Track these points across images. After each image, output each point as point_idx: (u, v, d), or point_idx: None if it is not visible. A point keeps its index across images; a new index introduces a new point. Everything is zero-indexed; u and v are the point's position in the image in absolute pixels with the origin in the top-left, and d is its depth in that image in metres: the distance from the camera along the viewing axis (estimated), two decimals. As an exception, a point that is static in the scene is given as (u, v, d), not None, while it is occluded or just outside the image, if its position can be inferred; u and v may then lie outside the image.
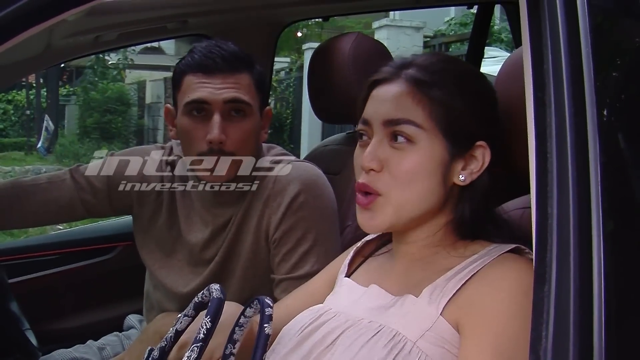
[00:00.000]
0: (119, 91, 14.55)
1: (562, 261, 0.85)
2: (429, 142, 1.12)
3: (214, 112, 1.59)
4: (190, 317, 1.04)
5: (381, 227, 1.17)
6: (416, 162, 1.12)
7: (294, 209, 1.65)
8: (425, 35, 10.22)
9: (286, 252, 1.65)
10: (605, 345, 0.81)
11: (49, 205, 1.81)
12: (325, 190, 1.71)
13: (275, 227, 1.66)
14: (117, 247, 2.39)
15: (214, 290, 0.98)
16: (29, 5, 1.00)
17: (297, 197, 1.65)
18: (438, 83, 1.14)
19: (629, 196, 0.92)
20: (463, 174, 1.15)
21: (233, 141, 1.61)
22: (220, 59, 1.61)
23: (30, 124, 15.05)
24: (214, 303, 0.95)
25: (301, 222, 1.65)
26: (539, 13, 0.98)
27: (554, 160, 0.90)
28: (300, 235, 1.65)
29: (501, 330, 1.00)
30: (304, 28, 12.80)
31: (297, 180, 1.67)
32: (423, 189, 1.13)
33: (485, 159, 1.15)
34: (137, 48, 12.80)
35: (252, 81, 1.64)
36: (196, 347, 0.93)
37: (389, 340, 1.05)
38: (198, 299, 1.02)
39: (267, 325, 0.96)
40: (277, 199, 1.67)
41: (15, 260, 2.26)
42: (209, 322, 0.94)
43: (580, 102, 0.91)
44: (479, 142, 1.15)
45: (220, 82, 1.60)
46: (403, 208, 1.14)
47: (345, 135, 2.19)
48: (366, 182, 1.15)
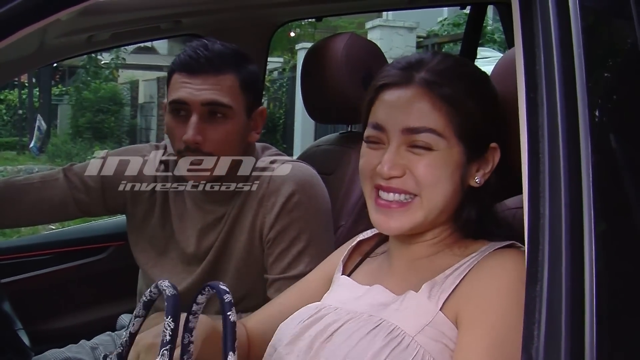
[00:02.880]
0: (111, 91, 14.52)
1: (554, 261, 0.85)
2: (447, 147, 1.12)
3: (192, 113, 1.60)
4: (141, 317, 1.02)
5: (406, 228, 1.16)
6: (437, 167, 1.12)
7: (288, 209, 1.65)
8: (418, 35, 10.24)
9: (280, 251, 1.65)
10: (597, 344, 0.81)
11: (42, 205, 1.81)
12: (319, 191, 1.71)
13: (269, 226, 1.66)
14: (110, 247, 2.38)
15: (165, 288, 0.95)
16: (23, 5, 1.00)
17: (292, 197, 1.65)
18: (453, 87, 1.14)
19: (621, 196, 0.92)
20: (478, 176, 1.16)
21: (211, 142, 1.61)
22: (204, 59, 1.61)
23: (22, 124, 14.99)
24: (171, 301, 0.92)
25: (295, 222, 1.65)
26: (531, 14, 0.98)
27: (546, 160, 0.90)
28: (295, 235, 1.64)
29: (497, 320, 1.01)
30: (297, 28, 12.79)
31: (291, 180, 1.67)
32: (447, 192, 1.14)
33: (495, 160, 1.17)
34: (129, 48, 12.75)
35: (237, 82, 1.64)
36: (165, 350, 0.91)
37: (388, 333, 1.06)
38: (146, 297, 1.00)
39: (230, 312, 0.94)
40: (272, 199, 1.66)
41: (8, 260, 2.25)
42: (171, 322, 0.92)
43: (572, 102, 0.91)
44: (492, 144, 1.16)
45: (201, 83, 1.60)
46: (432, 211, 1.14)
47: (338, 135, 2.20)
48: (396, 185, 1.14)
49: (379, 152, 1.16)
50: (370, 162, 1.17)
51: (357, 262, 1.33)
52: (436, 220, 1.16)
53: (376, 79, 1.21)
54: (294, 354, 1.14)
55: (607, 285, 0.85)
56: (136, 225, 1.85)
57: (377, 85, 1.19)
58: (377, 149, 1.17)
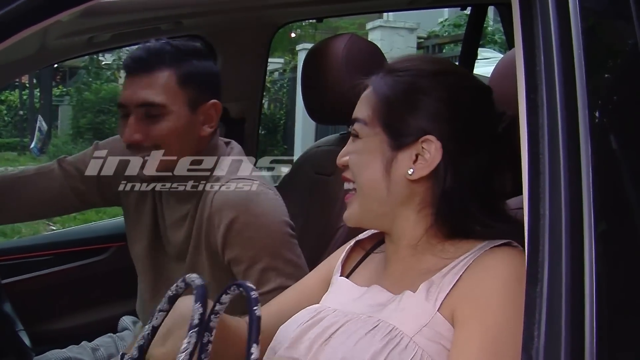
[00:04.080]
0: (112, 92, 14.49)
1: (554, 261, 0.86)
2: (371, 134, 1.19)
3: (130, 114, 1.63)
4: (165, 311, 1.05)
5: (354, 217, 1.23)
6: (358, 152, 1.21)
7: (236, 231, 1.59)
8: (418, 36, 10.25)
9: (244, 270, 1.60)
10: (597, 344, 0.81)
11: (40, 196, 1.82)
12: (266, 206, 1.64)
13: (222, 246, 1.62)
14: (111, 248, 2.39)
15: (194, 279, 0.99)
16: (24, 6, 1.00)
17: (235, 221, 1.59)
18: (384, 81, 1.21)
19: (621, 197, 0.92)
20: (412, 168, 1.16)
21: (152, 138, 1.63)
22: (137, 59, 1.64)
23: (23, 125, 15.00)
24: (200, 290, 0.97)
25: (249, 242, 1.60)
26: (531, 15, 0.98)
27: (546, 161, 0.90)
28: (253, 254, 1.59)
29: (493, 318, 1.01)
30: (298, 29, 12.81)
31: (230, 203, 1.61)
32: (368, 179, 1.19)
33: (436, 155, 1.15)
34: (131, 49, 12.77)
35: (173, 78, 1.63)
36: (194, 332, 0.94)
37: (386, 334, 1.06)
38: (172, 292, 1.02)
39: (256, 308, 0.97)
40: (216, 219, 1.62)
41: (9, 260, 2.26)
42: (199, 307, 0.95)
43: (572, 103, 0.91)
44: (425, 137, 1.15)
45: (136, 84, 1.63)
46: (365, 199, 1.20)
47: (338, 136, 2.20)
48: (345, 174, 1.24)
49: None
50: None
51: (355, 263, 1.33)
52: (384, 212, 1.19)
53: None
54: (294, 358, 1.14)
55: (607, 285, 0.85)
56: (130, 217, 1.86)
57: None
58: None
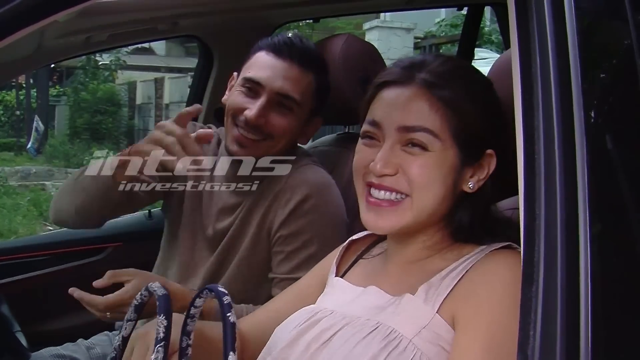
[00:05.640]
0: (109, 92, 14.49)
1: (550, 261, 0.86)
2: (443, 149, 1.12)
3: (262, 94, 1.65)
4: (132, 320, 1.04)
5: (395, 228, 1.16)
6: (430, 168, 1.12)
7: (304, 210, 1.65)
8: (415, 36, 10.26)
9: (290, 251, 1.65)
10: (592, 344, 0.82)
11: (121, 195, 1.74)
12: (336, 197, 1.72)
13: (280, 223, 1.67)
14: (108, 248, 2.39)
15: (156, 289, 0.97)
16: (21, 6, 1.00)
17: (308, 199, 1.65)
18: (452, 89, 1.13)
19: (616, 197, 0.93)
20: (472, 182, 1.16)
21: (272, 126, 1.66)
22: (297, 49, 1.67)
23: (20, 125, 14.97)
24: (162, 301, 0.95)
25: (310, 224, 1.65)
26: (527, 16, 0.98)
27: (542, 162, 0.90)
28: (308, 237, 1.65)
29: (493, 322, 1.01)
30: (295, 29, 12.80)
31: (308, 182, 1.68)
32: (438, 194, 1.13)
33: (491, 167, 1.16)
34: (128, 49, 12.76)
35: (313, 84, 1.70)
36: (160, 347, 0.93)
37: (385, 337, 1.06)
38: (137, 300, 1.02)
39: (229, 314, 0.95)
40: (287, 195, 1.67)
41: (5, 261, 2.26)
42: (164, 320, 0.94)
43: (568, 104, 0.91)
44: (488, 151, 1.16)
45: (284, 70, 1.66)
46: (421, 212, 1.14)
47: (335, 136, 2.20)
48: (388, 184, 1.14)
49: (373, 149, 1.16)
50: (365, 158, 1.17)
51: (349, 263, 1.33)
52: (426, 222, 1.16)
53: (378, 77, 1.21)
54: (289, 359, 1.14)
55: (602, 285, 0.85)
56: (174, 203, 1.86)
57: (377, 83, 1.19)
58: (372, 146, 1.16)
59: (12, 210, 8.26)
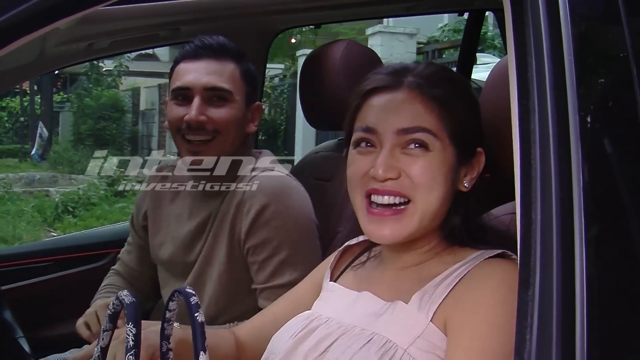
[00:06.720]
0: (113, 98, 14.51)
1: (546, 266, 0.86)
2: (442, 149, 1.12)
3: (194, 96, 1.68)
4: (109, 330, 1.04)
5: (401, 236, 1.15)
6: (432, 168, 1.11)
7: (265, 219, 1.65)
8: (418, 41, 10.24)
9: (262, 260, 1.66)
10: (587, 347, 0.82)
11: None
12: (297, 200, 1.72)
13: (245, 234, 1.68)
14: (110, 254, 2.39)
15: (124, 297, 0.98)
16: (23, 14, 1.01)
17: (266, 208, 1.65)
18: (443, 89, 1.14)
19: (611, 202, 0.93)
20: (466, 181, 1.16)
21: (214, 121, 1.68)
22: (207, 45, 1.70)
23: (24, 131, 14.99)
24: (130, 308, 0.96)
25: (275, 231, 1.65)
26: (523, 22, 0.99)
27: (538, 166, 0.91)
28: (276, 244, 1.65)
29: (486, 330, 1.02)
30: (298, 34, 12.81)
31: (265, 191, 1.68)
32: (441, 195, 1.13)
33: (481, 165, 1.17)
34: (131, 55, 12.78)
35: (238, 71, 1.72)
36: (131, 356, 0.93)
37: (380, 347, 1.06)
38: (110, 310, 1.02)
39: (197, 313, 0.96)
40: (247, 205, 1.68)
41: (8, 267, 2.26)
42: (132, 328, 0.94)
43: (563, 108, 0.92)
44: (478, 149, 1.17)
45: (204, 68, 1.68)
46: (425, 215, 1.13)
47: (337, 141, 2.20)
48: (391, 188, 1.12)
49: (369, 157, 1.15)
50: (361, 167, 1.15)
51: (344, 267, 1.33)
52: (428, 226, 1.15)
53: (361, 85, 1.19)
54: None
55: (598, 289, 0.86)
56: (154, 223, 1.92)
57: (364, 90, 1.18)
58: (368, 154, 1.15)
59: (16, 216, 8.28)
